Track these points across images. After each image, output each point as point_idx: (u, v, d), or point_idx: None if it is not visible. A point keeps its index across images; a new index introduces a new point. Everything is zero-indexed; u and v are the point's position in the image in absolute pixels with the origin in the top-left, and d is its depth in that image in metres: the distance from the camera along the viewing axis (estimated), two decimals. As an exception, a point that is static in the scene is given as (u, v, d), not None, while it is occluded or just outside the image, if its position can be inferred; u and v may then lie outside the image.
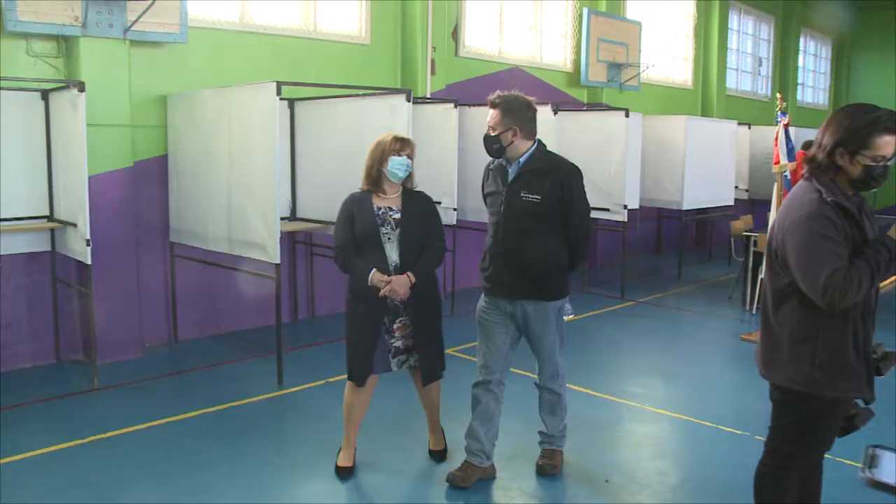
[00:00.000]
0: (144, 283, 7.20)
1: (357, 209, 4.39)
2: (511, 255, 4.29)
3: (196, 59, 7.47)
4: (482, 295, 4.50)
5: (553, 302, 4.34)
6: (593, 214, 9.76)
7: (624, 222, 9.69)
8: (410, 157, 4.44)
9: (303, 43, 8.45)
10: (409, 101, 6.60)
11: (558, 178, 4.21)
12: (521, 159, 4.27)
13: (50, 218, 6.61)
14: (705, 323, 8.83)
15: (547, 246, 4.24)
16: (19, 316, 6.69)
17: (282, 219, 6.39)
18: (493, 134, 4.23)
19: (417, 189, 4.57)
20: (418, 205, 4.48)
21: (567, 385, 4.62)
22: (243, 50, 7.89)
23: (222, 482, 4.50)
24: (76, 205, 6.09)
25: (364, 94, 7.19)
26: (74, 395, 6.08)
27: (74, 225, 6.17)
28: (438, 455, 4.81)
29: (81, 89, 5.84)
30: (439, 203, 7.40)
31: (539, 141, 4.34)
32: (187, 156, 7.11)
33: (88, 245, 5.94)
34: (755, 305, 9.01)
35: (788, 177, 7.62)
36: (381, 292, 4.27)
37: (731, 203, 12.35)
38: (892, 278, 3.42)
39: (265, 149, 6.10)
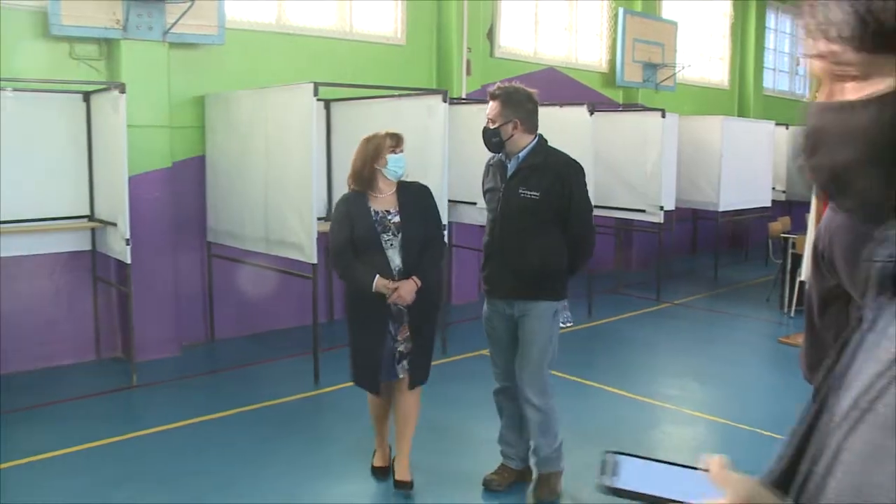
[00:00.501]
0: (182, 282, 7.28)
1: (354, 213, 4.17)
2: (507, 255, 4.13)
3: (233, 61, 7.54)
4: (485, 300, 4.36)
5: (548, 303, 4.13)
6: (629, 216, 9.80)
7: (660, 223, 9.61)
8: (402, 152, 4.26)
9: (339, 44, 8.49)
10: (445, 102, 6.60)
11: (558, 175, 4.06)
12: (521, 154, 4.11)
13: (91, 218, 6.72)
14: (742, 325, 8.75)
15: (545, 245, 4.08)
16: (61, 314, 6.80)
17: (318, 219, 6.42)
18: (492, 127, 4.09)
19: (408, 180, 4.32)
20: (415, 200, 4.27)
21: (554, 403, 4.26)
22: (280, 51, 7.96)
23: (257, 480, 4.54)
24: (116, 205, 6.18)
25: (400, 95, 7.21)
26: (113, 391, 6.17)
27: (114, 224, 6.26)
28: (405, 487, 4.35)
29: (122, 91, 5.92)
30: (474, 203, 7.41)
31: (540, 135, 4.18)
32: (224, 156, 7.18)
33: (128, 244, 6.02)
34: (793, 308, 8.90)
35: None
36: (390, 299, 4.08)
37: (769, 204, 12.21)
38: None
39: (302, 149, 6.15)
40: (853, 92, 0.86)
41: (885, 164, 0.85)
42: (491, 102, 4.11)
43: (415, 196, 4.28)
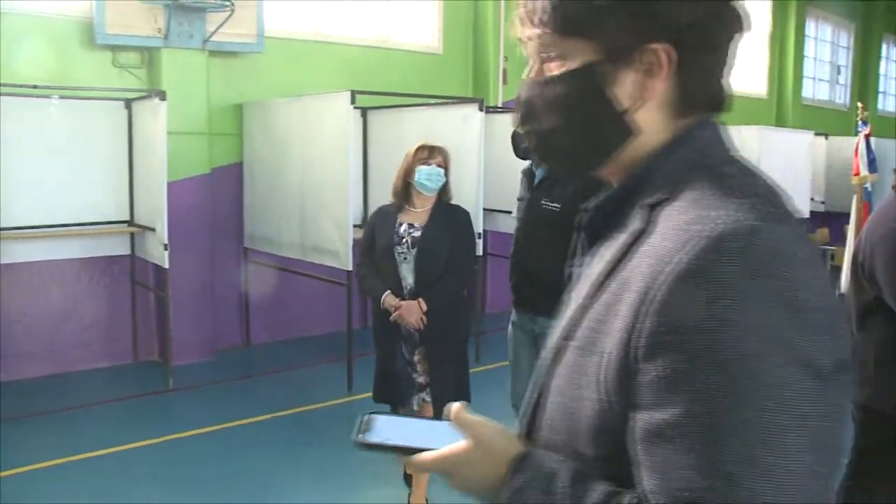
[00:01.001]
0: (218, 287, 7.36)
1: (379, 224, 4.08)
2: (528, 266, 3.97)
3: (272, 69, 7.62)
4: (512, 310, 4.20)
5: None
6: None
7: (696, 234, 9.49)
8: (442, 165, 4.00)
9: (376, 53, 8.55)
10: (481, 111, 6.61)
11: (580, 185, 3.77)
12: None
13: (130, 223, 6.82)
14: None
15: (566, 259, 3.89)
16: (100, 317, 6.91)
17: (354, 226, 6.46)
18: (522, 131, 3.96)
19: (452, 202, 4.15)
20: (448, 221, 4.06)
21: None
22: (318, 60, 8.03)
23: (290, 484, 4.58)
24: (155, 210, 6.27)
25: (436, 104, 7.24)
26: (149, 395, 6.25)
27: (153, 229, 6.35)
28: None
29: (162, 98, 6.01)
30: (509, 212, 7.40)
31: None
32: (262, 163, 7.26)
33: (166, 249, 6.10)
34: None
35: (869, 189, 7.42)
36: (392, 317, 3.94)
37: (807, 216, 12.01)
38: None
39: (338, 157, 6.20)
40: (555, 70, 1.02)
41: (577, 129, 1.03)
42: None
43: (448, 216, 4.08)
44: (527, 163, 4.18)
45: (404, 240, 3.98)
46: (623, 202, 1.03)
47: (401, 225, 4.01)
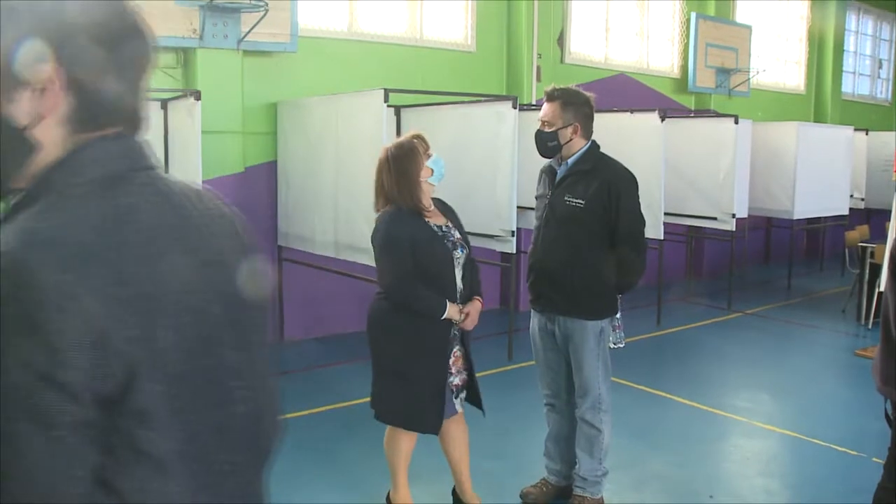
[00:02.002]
0: (253, 285, 7.40)
1: (419, 235, 3.66)
2: (549, 265, 3.95)
3: (305, 68, 7.67)
4: (531, 313, 4.21)
5: (593, 322, 3.91)
6: (700, 223, 9.63)
7: (732, 231, 9.43)
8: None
9: (409, 51, 8.57)
10: (514, 108, 6.60)
11: (606, 183, 3.80)
12: (571, 160, 3.89)
13: (166, 221, 6.89)
14: (817, 337, 8.52)
15: (589, 259, 3.84)
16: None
17: (387, 224, 6.48)
18: (548, 130, 3.85)
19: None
20: (455, 215, 3.92)
21: (608, 424, 4.08)
22: (351, 58, 8.06)
23: (321, 482, 4.60)
24: (191, 209, 6.32)
25: (470, 101, 7.24)
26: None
27: (189, 228, 6.40)
28: None
29: (197, 98, 6.06)
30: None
31: (593, 141, 3.94)
32: (296, 162, 7.31)
33: (202, 248, 6.14)
34: (871, 320, 8.63)
35: (910, 186, 7.29)
36: (463, 325, 3.75)
37: (846, 213, 11.87)
38: None
39: (372, 155, 6.13)
40: None
41: None
42: (547, 104, 3.90)
43: (447, 208, 3.92)
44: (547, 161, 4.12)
45: (457, 245, 3.77)
46: (12, 213, 1.06)
47: (440, 228, 3.77)
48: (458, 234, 3.83)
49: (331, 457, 4.96)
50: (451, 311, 3.68)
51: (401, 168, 3.65)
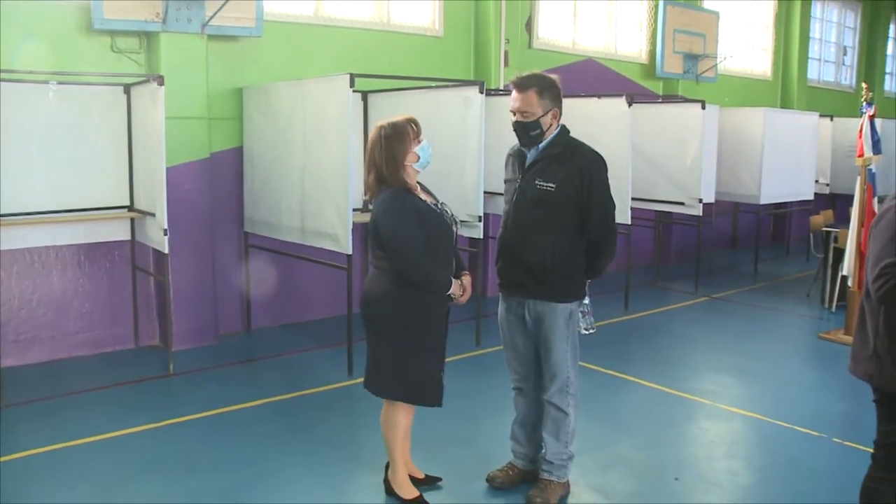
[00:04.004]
0: (219, 272, 7.36)
1: (423, 209, 3.81)
2: (519, 249, 3.95)
3: (271, 53, 7.59)
4: (500, 296, 4.21)
5: (562, 304, 3.93)
6: (668, 208, 9.68)
7: (699, 216, 9.49)
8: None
9: (376, 36, 8.50)
10: (481, 93, 6.58)
11: (578, 167, 3.80)
12: (542, 144, 3.89)
13: (130, 208, 6.81)
14: (782, 321, 8.61)
15: (559, 242, 3.86)
16: (100, 303, 6.91)
17: (354, 210, 6.45)
18: (529, 120, 3.82)
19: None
20: (435, 197, 4.04)
21: (574, 408, 4.11)
22: (317, 43, 7.99)
23: (292, 468, 4.58)
24: (155, 195, 6.25)
25: (437, 86, 7.20)
26: (150, 380, 6.25)
27: (153, 215, 6.34)
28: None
29: (161, 83, 5.98)
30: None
31: (563, 125, 3.94)
32: (262, 147, 7.23)
33: (166, 234, 6.09)
34: (835, 304, 8.75)
35: (873, 170, 7.37)
36: (461, 300, 3.93)
37: (811, 197, 12.00)
38: None
39: (339, 140, 6.17)
40: None
41: None
42: (520, 94, 3.85)
43: (432, 193, 4.05)
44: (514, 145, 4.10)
45: (451, 219, 3.95)
46: None
47: (435, 206, 3.90)
48: (449, 211, 3.96)
49: (299, 444, 4.93)
50: (454, 286, 3.86)
51: (390, 148, 3.78)
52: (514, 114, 3.90)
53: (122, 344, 7.03)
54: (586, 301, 4.09)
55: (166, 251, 6.16)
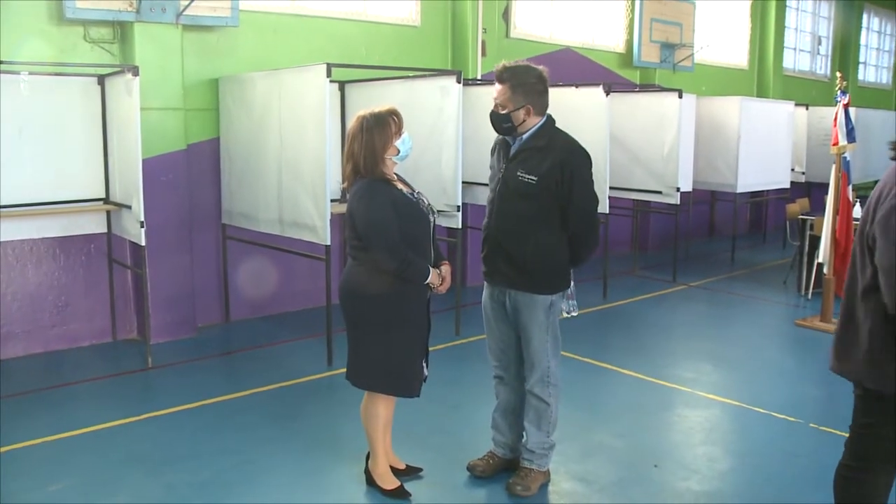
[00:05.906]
0: (197, 264, 7.31)
1: (399, 198, 3.79)
2: (502, 239, 3.96)
3: (247, 43, 7.53)
4: (484, 284, 4.22)
5: (543, 296, 3.94)
6: (645, 197, 9.72)
7: (676, 205, 9.54)
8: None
9: (353, 26, 8.46)
10: (459, 83, 6.57)
11: (560, 160, 3.79)
12: (525, 135, 3.88)
13: (106, 200, 6.74)
14: (759, 308, 8.68)
15: (541, 234, 3.86)
16: (77, 296, 6.85)
17: (332, 201, 6.42)
18: (502, 112, 3.84)
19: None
20: (412, 187, 4.04)
21: (556, 398, 4.13)
22: (294, 33, 7.93)
23: (273, 459, 4.56)
24: (131, 187, 6.20)
25: (414, 76, 7.18)
26: (129, 373, 6.21)
27: (129, 207, 6.28)
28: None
29: (135, 74, 5.92)
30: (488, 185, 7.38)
31: (549, 116, 3.94)
32: (239, 138, 7.19)
33: (143, 227, 6.04)
34: (811, 291, 8.83)
35: (848, 159, 7.43)
36: (440, 289, 3.90)
37: (787, 186, 12.10)
38: None
39: (316, 131, 6.14)
40: None
41: None
42: (499, 85, 3.86)
43: (409, 183, 4.04)
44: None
45: (428, 208, 3.93)
46: None
47: (412, 195, 3.88)
48: (426, 200, 3.94)
49: (279, 436, 4.92)
50: (432, 275, 3.83)
51: (370, 140, 3.74)
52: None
53: (100, 338, 6.97)
54: (571, 285, 4.10)
55: (143, 244, 6.11)
